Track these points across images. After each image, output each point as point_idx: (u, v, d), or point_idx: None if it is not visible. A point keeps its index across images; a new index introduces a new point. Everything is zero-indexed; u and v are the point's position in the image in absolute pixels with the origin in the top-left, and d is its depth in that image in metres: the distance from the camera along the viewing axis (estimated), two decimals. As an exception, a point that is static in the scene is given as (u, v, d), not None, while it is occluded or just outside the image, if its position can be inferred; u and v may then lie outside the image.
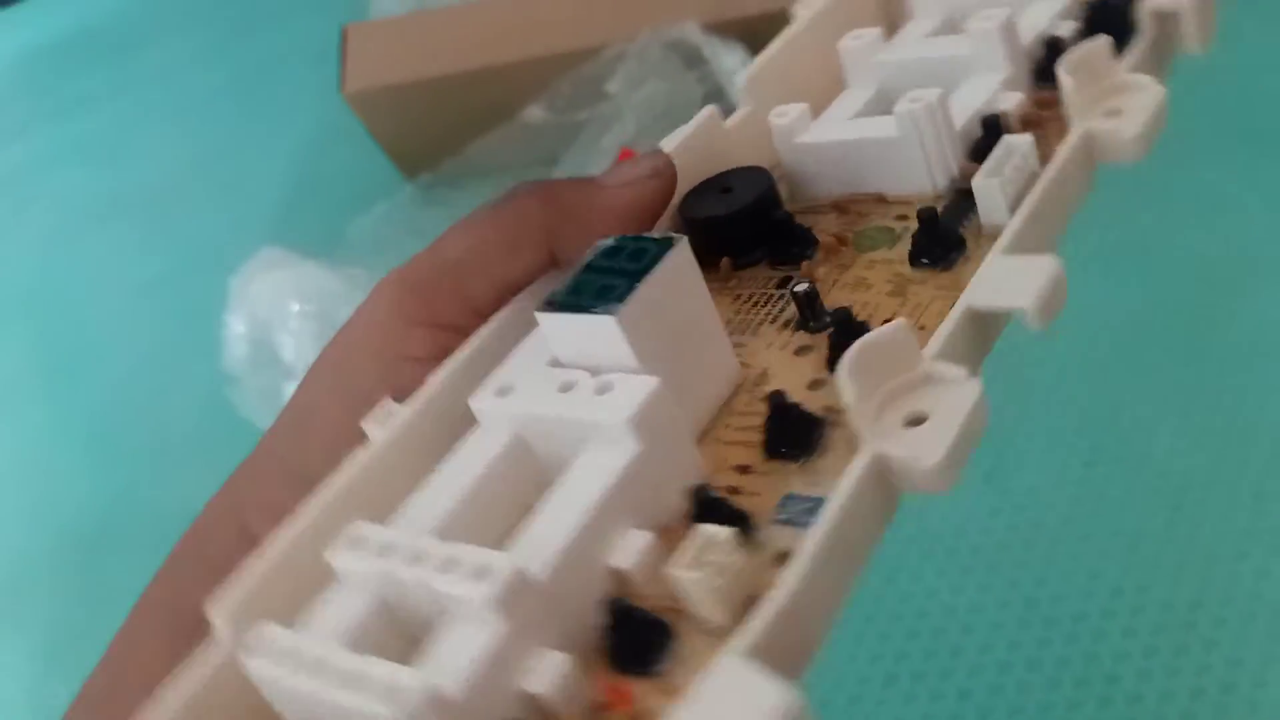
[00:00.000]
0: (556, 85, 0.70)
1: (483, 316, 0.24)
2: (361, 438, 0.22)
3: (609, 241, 0.21)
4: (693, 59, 0.69)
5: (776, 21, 0.69)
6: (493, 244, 0.24)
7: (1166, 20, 0.26)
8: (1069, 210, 0.24)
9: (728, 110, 0.30)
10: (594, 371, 0.20)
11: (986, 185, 0.23)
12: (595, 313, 0.19)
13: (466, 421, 0.21)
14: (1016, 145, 0.23)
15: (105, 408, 0.70)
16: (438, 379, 0.22)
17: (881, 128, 0.25)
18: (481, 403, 0.21)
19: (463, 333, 0.23)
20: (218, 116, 0.88)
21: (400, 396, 0.22)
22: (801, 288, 0.23)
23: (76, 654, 0.62)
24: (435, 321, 0.23)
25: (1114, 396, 0.56)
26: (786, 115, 0.26)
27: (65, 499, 0.66)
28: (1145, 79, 0.24)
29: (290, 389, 0.62)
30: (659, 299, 0.20)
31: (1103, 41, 0.25)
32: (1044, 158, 0.24)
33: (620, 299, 0.19)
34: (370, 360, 0.24)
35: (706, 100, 0.71)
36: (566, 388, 0.20)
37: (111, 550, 0.64)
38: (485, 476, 0.20)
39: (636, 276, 0.20)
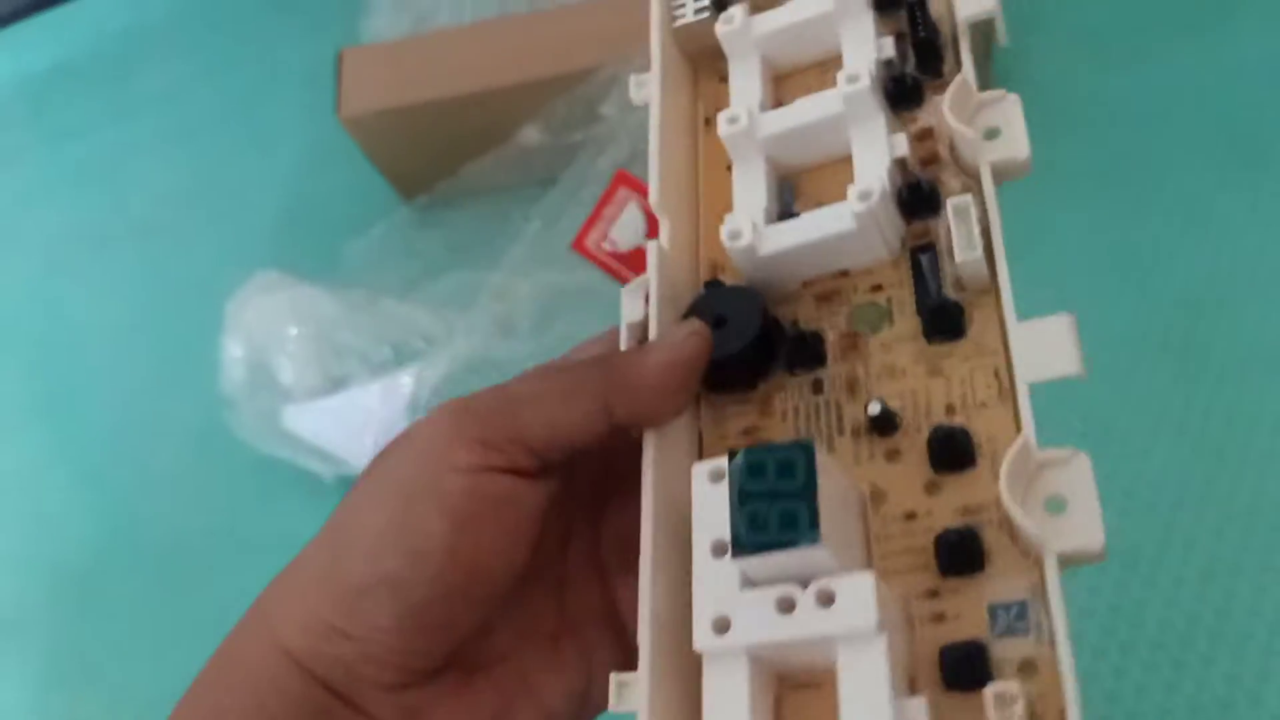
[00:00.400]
0: (551, 107, 0.71)
1: (533, 452, 0.25)
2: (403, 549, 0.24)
3: (739, 462, 0.21)
4: (686, 81, 0.70)
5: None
6: (553, 391, 0.25)
7: (979, 26, 0.27)
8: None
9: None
10: (799, 581, 0.21)
11: (969, 260, 0.24)
12: (801, 546, 0.20)
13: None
14: (961, 207, 0.25)
15: (101, 435, 0.70)
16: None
17: (838, 222, 0.26)
18: (707, 642, 0.21)
19: (509, 459, 0.24)
20: (212, 141, 0.88)
21: (443, 506, 0.23)
22: (875, 410, 0.24)
23: (74, 685, 0.61)
24: (485, 440, 0.24)
25: (1107, 413, 0.56)
26: (741, 237, 0.26)
27: (61, 530, 0.66)
28: (997, 93, 0.26)
29: (288, 412, 0.62)
30: (827, 500, 0.21)
31: (968, 74, 0.26)
32: (946, 192, 0.26)
33: (812, 523, 0.20)
34: (417, 467, 0.25)
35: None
36: (786, 606, 0.20)
37: (108, 580, 0.64)
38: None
39: (807, 495, 0.20)
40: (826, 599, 0.20)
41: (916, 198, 0.26)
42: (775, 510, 0.21)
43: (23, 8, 1.06)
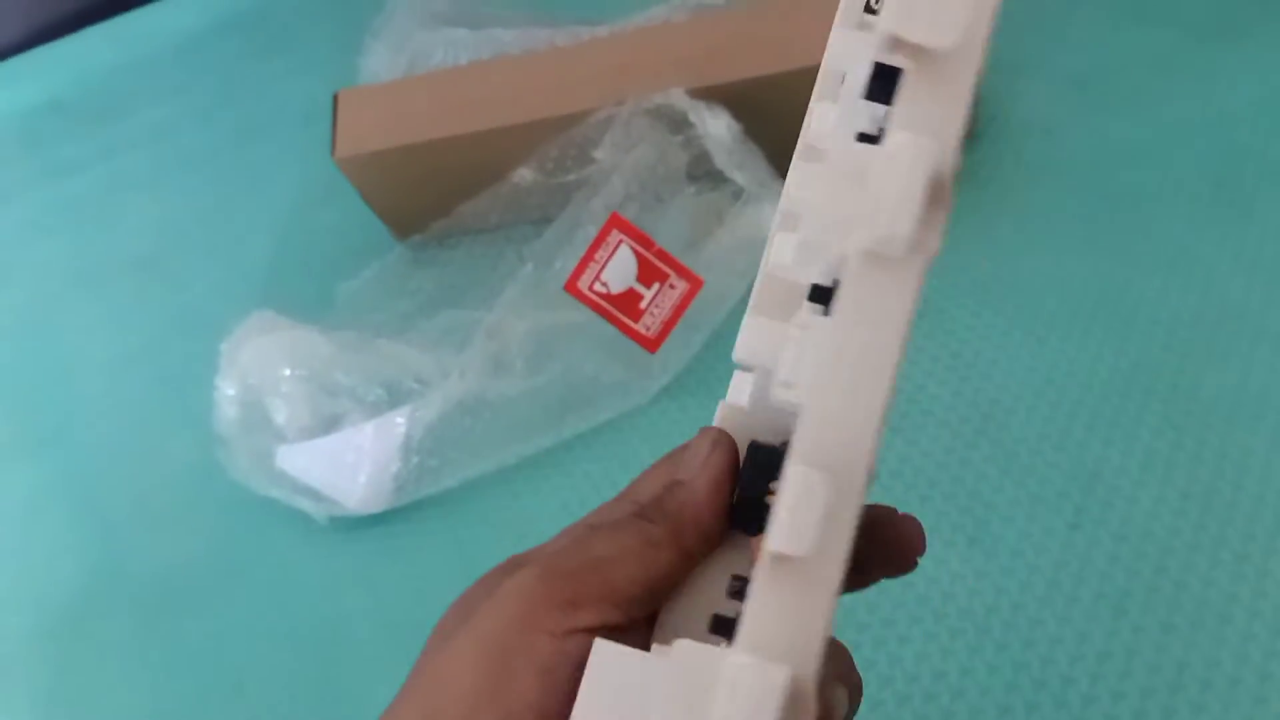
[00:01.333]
0: (545, 149, 0.71)
1: (623, 609, 0.26)
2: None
3: None
4: (679, 124, 0.70)
5: (759, 86, 0.71)
6: (634, 547, 0.27)
7: None
8: None
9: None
10: None
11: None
12: None
13: None
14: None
15: (93, 473, 0.70)
16: None
17: None
18: None
19: (601, 617, 0.25)
20: (206, 178, 0.88)
21: (537, 668, 0.24)
22: None
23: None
24: (576, 601, 0.25)
25: (1095, 459, 0.56)
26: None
27: (50, 569, 0.66)
28: None
29: (281, 451, 0.62)
30: None
31: None
32: None
33: None
34: (508, 627, 0.25)
35: (693, 164, 0.72)
36: None
37: (98, 620, 0.63)
38: None
39: None
40: None
41: None
42: None
43: (17, 43, 1.07)
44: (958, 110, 0.23)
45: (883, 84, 0.25)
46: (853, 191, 0.22)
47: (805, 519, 0.21)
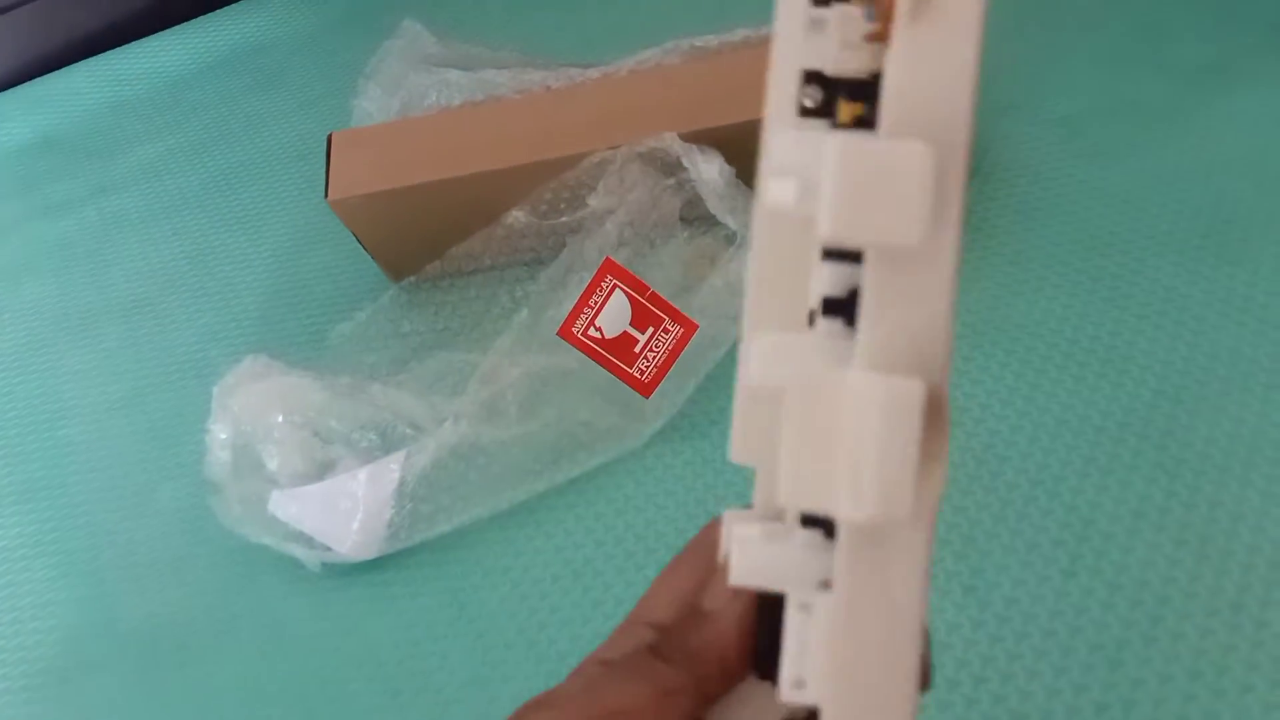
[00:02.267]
0: (538, 192, 0.72)
1: None
2: None
3: None
4: (671, 168, 0.71)
5: (752, 130, 0.71)
6: (650, 699, 0.25)
7: None
8: None
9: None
10: None
11: None
12: None
13: None
14: None
15: (82, 521, 0.69)
16: None
17: None
18: None
19: None
20: (198, 218, 0.88)
21: None
22: None
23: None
24: None
25: (1089, 505, 0.57)
26: None
27: (39, 623, 0.65)
28: None
29: (275, 497, 0.62)
30: None
31: None
32: None
33: None
34: None
35: (686, 208, 0.72)
36: None
37: (87, 673, 0.63)
38: None
39: None
40: None
41: None
42: None
43: (8, 79, 1.07)
44: (940, 308, 0.21)
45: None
46: (824, 455, 0.20)
47: None
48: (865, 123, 0.22)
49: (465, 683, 0.57)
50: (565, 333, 0.62)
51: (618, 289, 0.63)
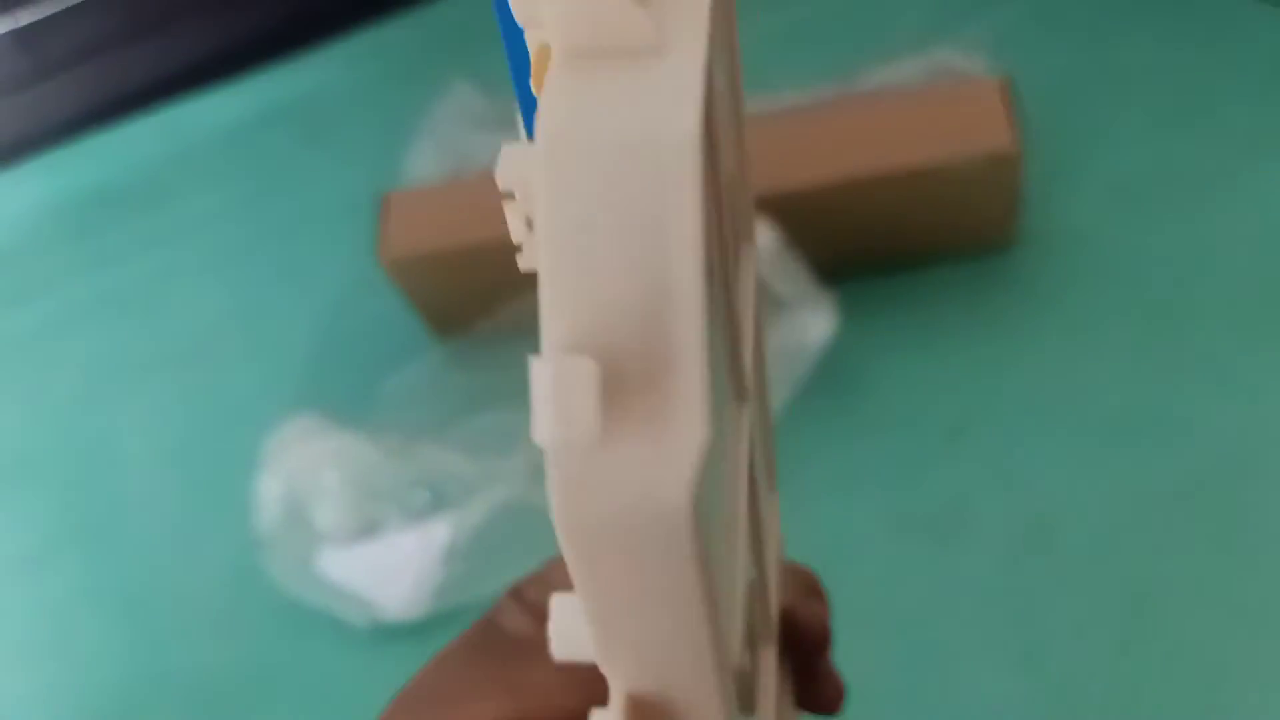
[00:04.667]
0: (588, 252, 0.72)
1: None
2: None
3: None
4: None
5: (801, 197, 0.71)
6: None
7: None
8: None
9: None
10: None
11: None
12: None
13: None
14: None
15: (134, 571, 0.70)
16: None
17: None
18: None
19: None
20: (248, 271, 0.90)
21: None
22: None
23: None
24: None
25: (1145, 577, 0.56)
26: None
27: (91, 669, 0.66)
28: None
29: (323, 555, 0.62)
30: None
31: None
32: None
33: None
34: None
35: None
36: None
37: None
38: None
39: None
40: None
41: None
42: None
43: (66, 131, 1.09)
44: None
45: None
46: None
47: None
48: None
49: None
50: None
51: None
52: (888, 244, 0.74)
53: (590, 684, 0.25)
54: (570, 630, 0.20)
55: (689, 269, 0.15)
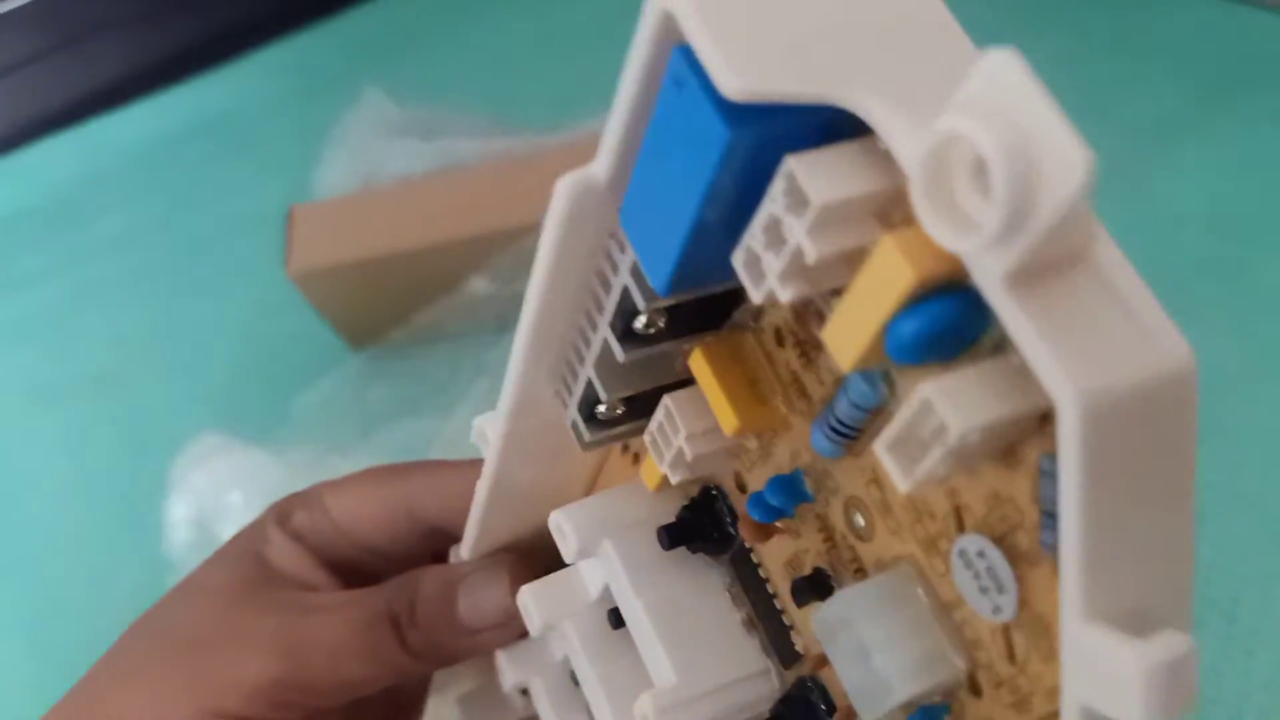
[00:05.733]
0: (499, 259, 0.72)
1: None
2: None
3: None
4: (631, 232, 0.71)
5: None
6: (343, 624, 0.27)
7: None
8: None
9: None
10: None
11: None
12: None
13: None
14: None
15: (40, 603, 0.68)
16: None
17: None
18: None
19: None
20: (164, 290, 0.88)
21: None
22: None
23: None
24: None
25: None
26: None
27: (4, 711, 0.64)
28: None
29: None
30: None
31: None
32: None
33: None
34: None
35: (646, 272, 0.72)
36: None
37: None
38: None
39: None
40: None
41: None
42: None
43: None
44: None
45: None
46: None
47: None
48: None
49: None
50: (525, 402, 0.62)
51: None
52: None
53: (381, 648, 0.24)
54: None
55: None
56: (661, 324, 0.22)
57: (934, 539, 0.19)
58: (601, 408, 0.24)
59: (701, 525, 0.25)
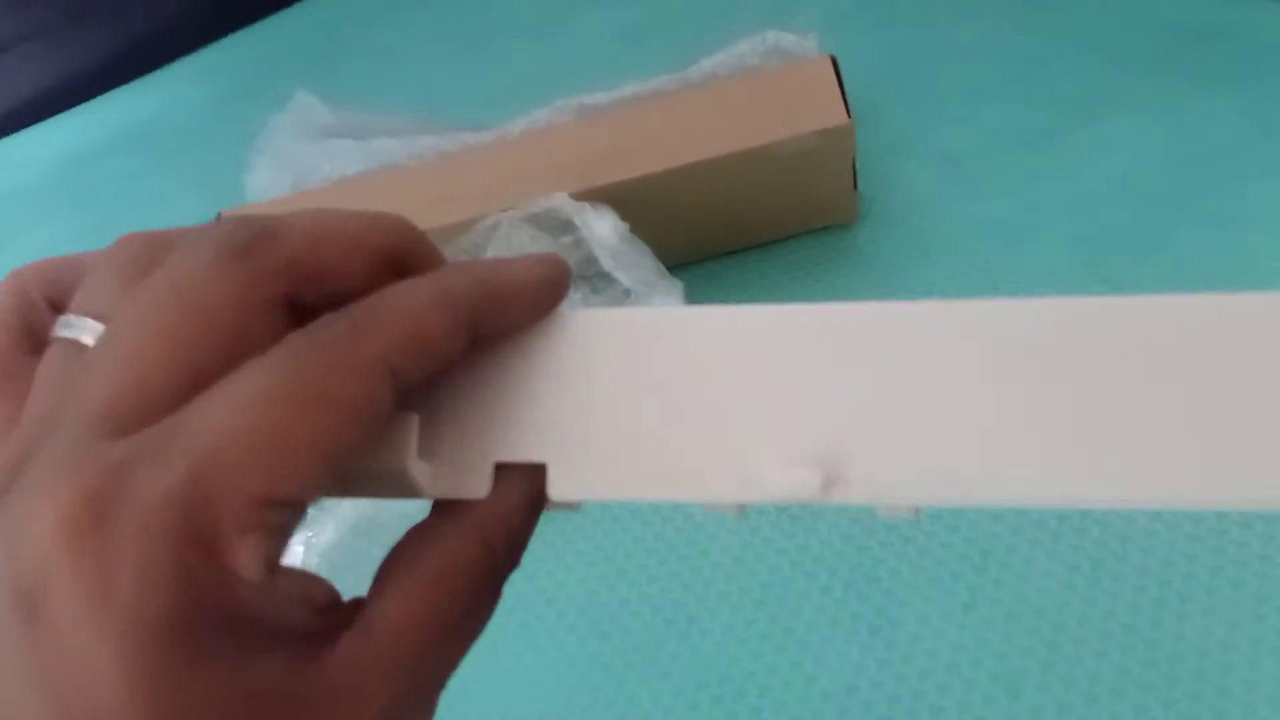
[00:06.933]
0: (434, 258, 0.72)
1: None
2: None
3: None
4: (565, 227, 0.71)
5: (643, 186, 0.72)
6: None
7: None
8: None
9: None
10: None
11: None
12: None
13: None
14: None
15: None
16: None
17: None
18: None
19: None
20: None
21: None
22: None
23: None
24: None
25: (986, 536, 0.57)
26: None
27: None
28: None
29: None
30: None
31: None
32: None
33: None
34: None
35: (582, 266, 0.73)
36: None
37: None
38: None
39: None
40: None
41: None
42: None
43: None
44: None
45: None
46: None
47: None
48: None
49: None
50: (464, 399, 0.62)
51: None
52: (732, 227, 0.75)
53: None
54: None
55: None
56: None
57: None
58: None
59: None
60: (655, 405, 0.25)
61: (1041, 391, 0.23)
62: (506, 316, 0.24)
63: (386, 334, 0.21)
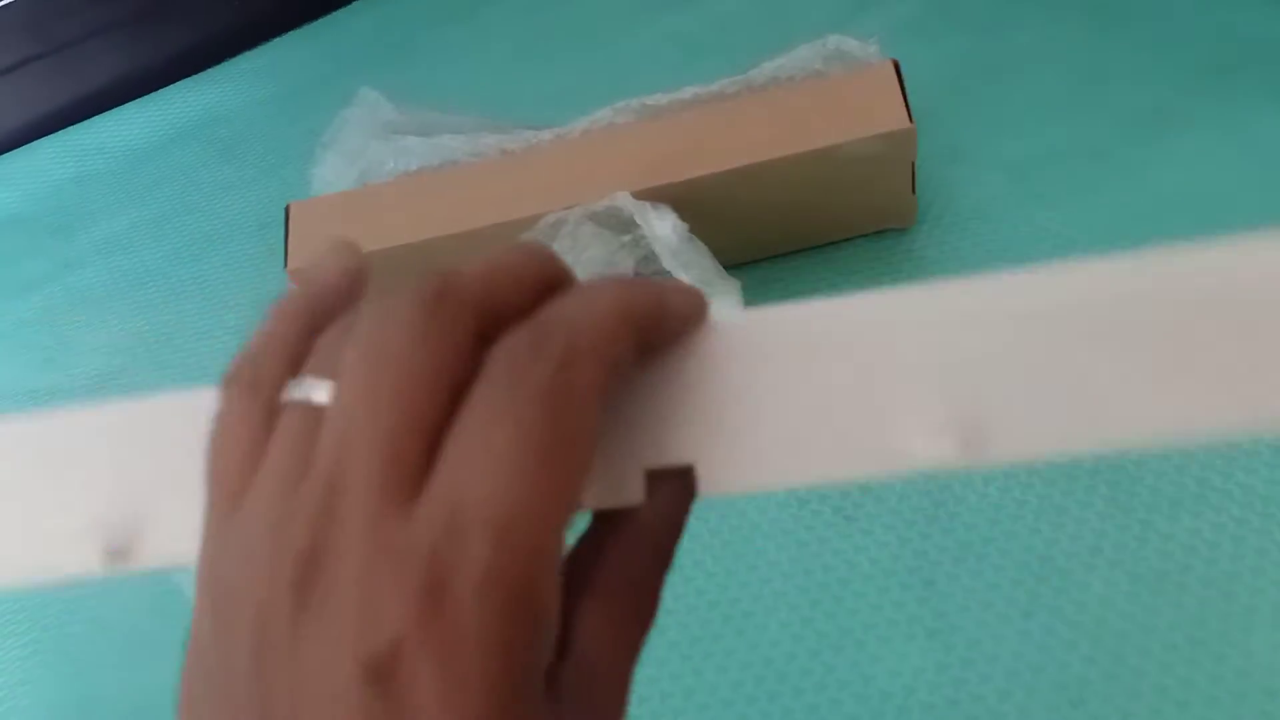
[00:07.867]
0: (496, 254, 0.72)
1: None
2: None
3: None
4: (626, 225, 0.72)
5: (703, 186, 0.72)
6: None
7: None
8: None
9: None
10: None
11: None
12: None
13: None
14: None
15: (49, 601, 0.69)
16: None
17: None
18: None
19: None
20: (162, 292, 0.89)
21: None
22: None
23: None
24: None
25: (1046, 543, 0.57)
26: None
27: (17, 697, 0.65)
28: None
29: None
30: None
31: None
32: None
33: None
34: None
35: (641, 264, 0.73)
36: None
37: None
38: None
39: None
40: None
41: None
42: None
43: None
44: None
45: None
46: None
47: None
48: None
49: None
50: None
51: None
52: (790, 228, 0.75)
53: None
54: None
55: None
56: None
57: None
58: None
59: None
60: (791, 394, 0.26)
61: (1132, 341, 0.26)
62: (669, 333, 0.26)
63: (593, 364, 0.22)
